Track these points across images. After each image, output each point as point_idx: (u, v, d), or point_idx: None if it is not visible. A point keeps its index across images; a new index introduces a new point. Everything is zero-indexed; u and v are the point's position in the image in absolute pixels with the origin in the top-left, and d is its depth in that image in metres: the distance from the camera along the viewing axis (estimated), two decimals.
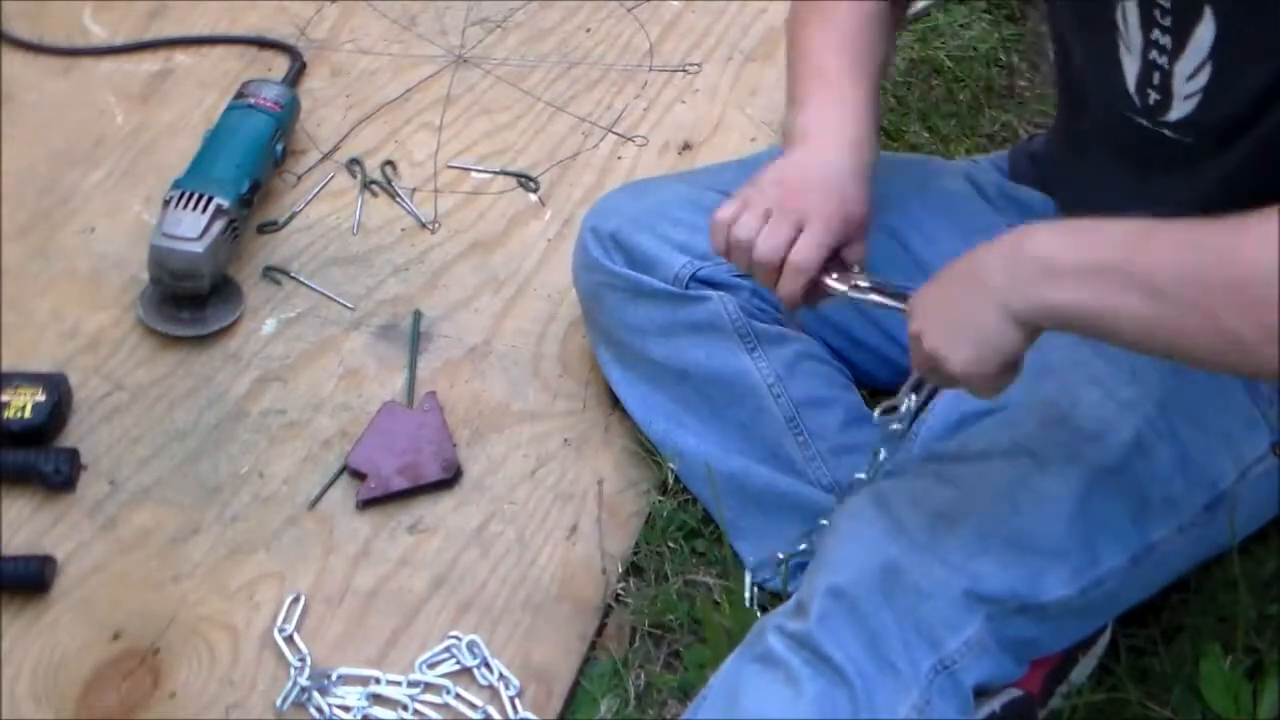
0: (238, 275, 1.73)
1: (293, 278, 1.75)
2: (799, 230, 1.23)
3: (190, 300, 1.67)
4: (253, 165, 1.74)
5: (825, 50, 1.34)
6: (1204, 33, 1.14)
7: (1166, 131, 1.24)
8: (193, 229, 1.64)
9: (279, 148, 1.81)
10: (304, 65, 1.97)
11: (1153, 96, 1.22)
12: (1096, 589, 1.23)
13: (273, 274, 1.75)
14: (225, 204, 1.67)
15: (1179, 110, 1.21)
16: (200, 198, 1.66)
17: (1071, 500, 1.22)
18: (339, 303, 1.72)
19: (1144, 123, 1.25)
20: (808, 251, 1.22)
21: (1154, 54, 1.20)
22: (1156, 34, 1.18)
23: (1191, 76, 1.18)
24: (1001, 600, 1.19)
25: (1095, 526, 1.22)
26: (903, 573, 1.18)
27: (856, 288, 1.23)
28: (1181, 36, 1.16)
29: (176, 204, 1.66)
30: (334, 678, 1.41)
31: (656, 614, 1.45)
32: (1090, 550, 1.22)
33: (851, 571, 1.18)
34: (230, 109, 1.80)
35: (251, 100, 1.80)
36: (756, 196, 1.26)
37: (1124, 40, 1.22)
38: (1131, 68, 1.23)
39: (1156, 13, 1.17)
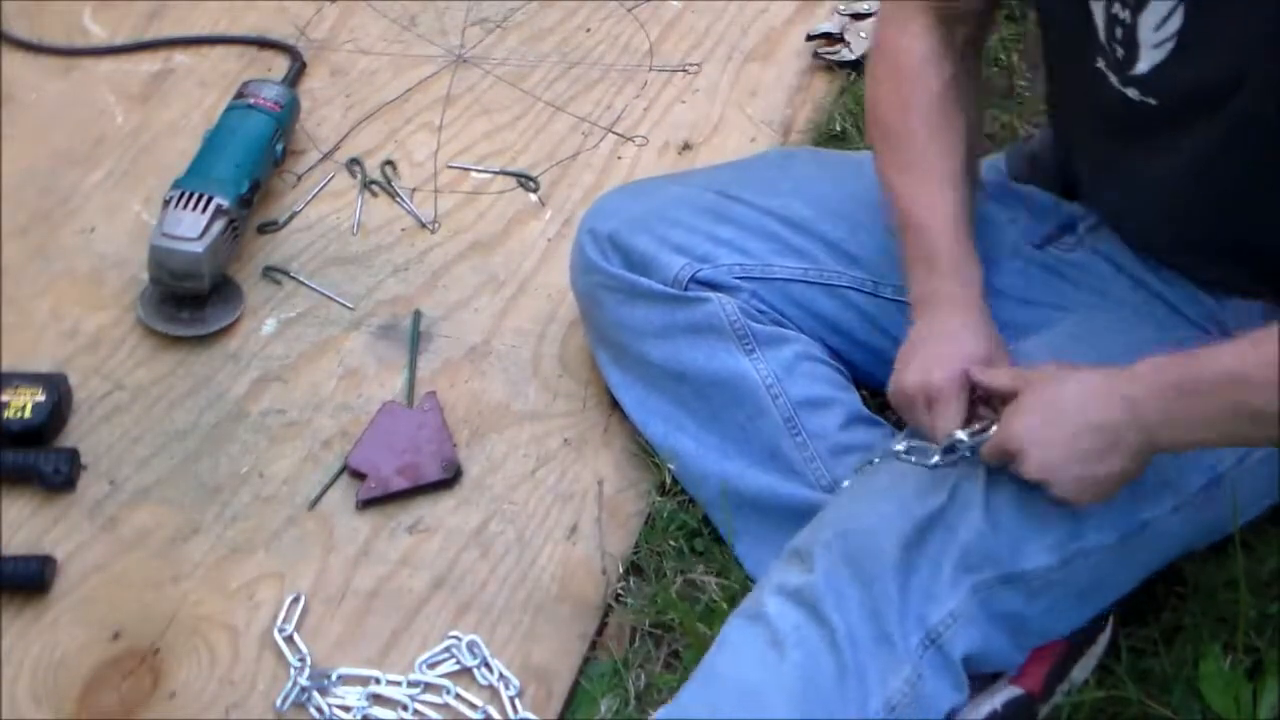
0: (238, 275, 1.73)
1: (293, 278, 1.75)
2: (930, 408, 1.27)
3: (190, 300, 1.67)
4: (253, 165, 1.74)
5: (915, 199, 1.35)
6: None
7: (1132, 92, 1.24)
8: (193, 229, 1.64)
9: (279, 148, 1.81)
10: (304, 65, 1.97)
11: (1119, 50, 1.22)
12: (1081, 561, 1.24)
13: (273, 274, 1.75)
14: (225, 204, 1.67)
15: (1148, 60, 1.20)
16: (200, 198, 1.66)
17: None
18: (339, 303, 1.72)
19: (1113, 80, 1.25)
20: (940, 426, 1.25)
21: (1116, 7, 1.20)
22: None
23: (1160, 25, 1.18)
24: (980, 564, 1.20)
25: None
26: (908, 546, 1.18)
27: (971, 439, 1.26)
28: None
29: (176, 204, 1.66)
30: (334, 678, 1.41)
31: (656, 614, 1.45)
32: (1074, 522, 1.23)
33: (861, 536, 1.19)
34: (230, 109, 1.80)
35: (251, 100, 1.80)
36: (899, 390, 1.30)
37: None
38: (1099, 19, 1.23)
39: None
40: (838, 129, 1.89)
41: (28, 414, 1.55)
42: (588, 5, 2.09)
